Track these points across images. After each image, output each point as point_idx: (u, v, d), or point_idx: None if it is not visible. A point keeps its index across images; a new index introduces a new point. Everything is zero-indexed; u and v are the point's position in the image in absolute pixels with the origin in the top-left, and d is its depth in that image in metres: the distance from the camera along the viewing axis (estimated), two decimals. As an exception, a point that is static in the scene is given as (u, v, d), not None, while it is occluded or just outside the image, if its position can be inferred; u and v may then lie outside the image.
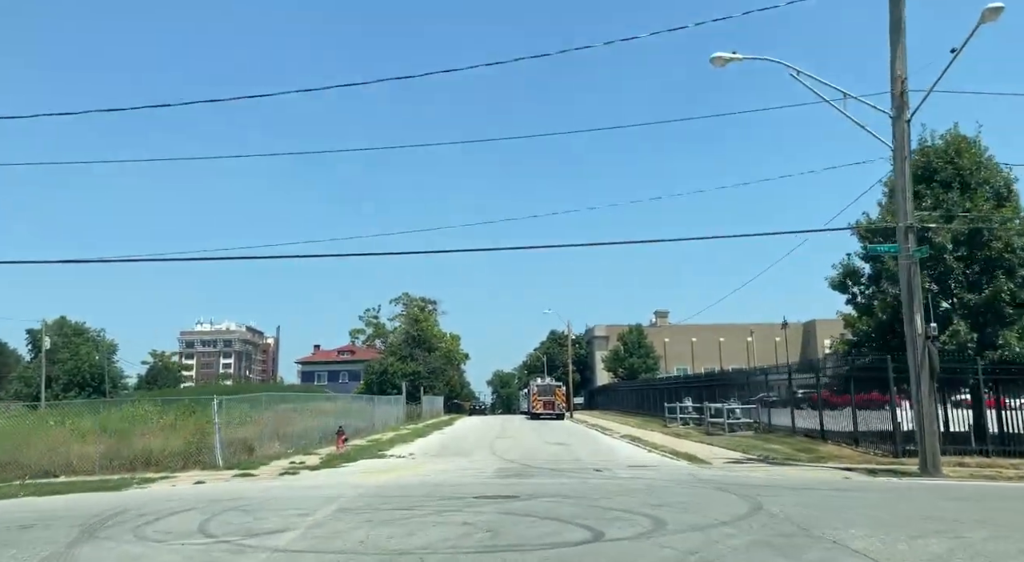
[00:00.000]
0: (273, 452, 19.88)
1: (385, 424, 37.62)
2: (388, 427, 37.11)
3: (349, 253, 75.12)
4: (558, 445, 23.82)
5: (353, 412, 36.43)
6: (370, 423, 34.62)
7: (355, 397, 51.48)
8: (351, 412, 37.46)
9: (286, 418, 26.16)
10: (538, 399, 51.66)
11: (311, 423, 27.85)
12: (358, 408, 38.85)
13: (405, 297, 72.57)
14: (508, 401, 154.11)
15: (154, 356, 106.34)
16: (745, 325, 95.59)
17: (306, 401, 34.79)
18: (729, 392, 33.34)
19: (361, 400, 43.61)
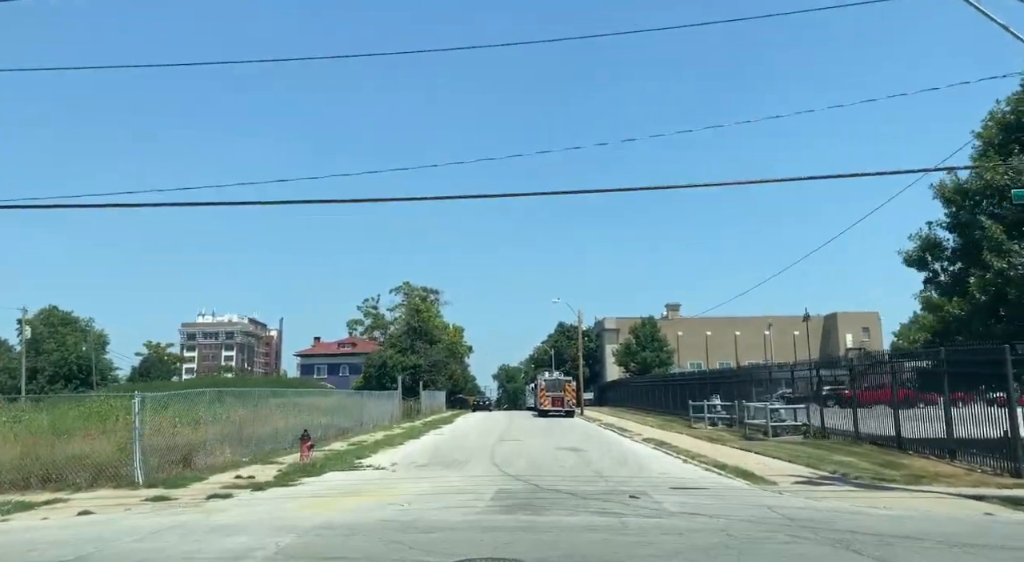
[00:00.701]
0: (222, 462, 16.10)
1: (376, 423, 33.88)
2: (379, 426, 33.37)
3: (330, 199, 71.34)
4: (572, 452, 19.99)
5: (348, 409, 32.91)
6: (358, 422, 30.86)
7: (350, 393, 48.05)
8: (345, 409, 33.92)
9: (261, 417, 22.45)
10: (546, 395, 47.85)
11: (290, 422, 24.20)
12: (352, 404, 35.30)
13: (406, 286, 68.86)
14: (514, 396, 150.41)
15: (149, 347, 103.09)
16: (762, 318, 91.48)
17: (298, 396, 31.26)
18: (746, 389, 29.71)
19: (356, 396, 40.00)
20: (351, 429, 29.22)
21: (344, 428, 28.81)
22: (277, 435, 21.59)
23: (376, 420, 34.69)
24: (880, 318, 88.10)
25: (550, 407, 47.62)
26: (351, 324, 67.38)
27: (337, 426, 28.09)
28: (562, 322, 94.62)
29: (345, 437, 26.36)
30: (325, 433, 25.22)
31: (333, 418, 29.00)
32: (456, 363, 72.95)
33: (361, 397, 38.40)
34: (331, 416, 29.14)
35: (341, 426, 28.69)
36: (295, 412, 26.22)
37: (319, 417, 27.56)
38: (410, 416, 45.08)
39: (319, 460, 16.97)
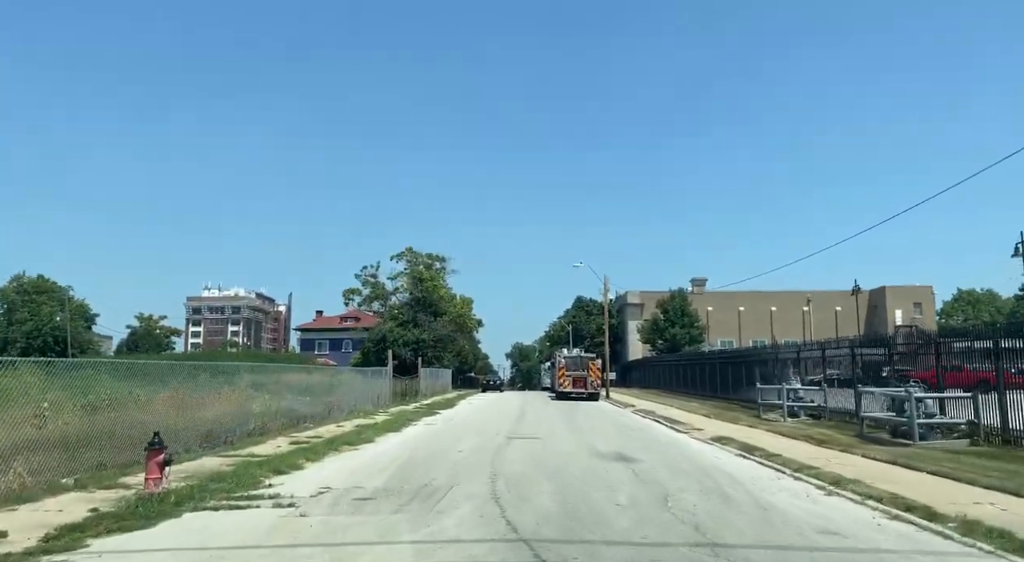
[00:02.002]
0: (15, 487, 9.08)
1: (355, 407, 26.95)
2: (358, 411, 26.48)
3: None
4: (621, 464, 12.83)
5: (318, 389, 26.24)
6: (327, 407, 23.90)
7: (337, 370, 41.22)
8: (336, 387, 27.36)
9: (193, 402, 15.90)
10: (566, 375, 40.73)
11: (244, 406, 17.69)
12: (331, 383, 28.64)
13: (408, 253, 61.71)
14: (528, 375, 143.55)
15: (140, 320, 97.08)
16: (800, 293, 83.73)
17: (277, 372, 24.60)
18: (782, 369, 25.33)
19: (344, 373, 33.19)
20: (315, 416, 22.28)
21: (308, 415, 21.89)
22: (194, 427, 14.70)
23: (356, 404, 27.79)
24: (934, 292, 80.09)
25: (571, 389, 40.55)
26: (347, 294, 60.48)
27: (295, 413, 21.15)
28: (580, 296, 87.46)
29: (297, 428, 19.41)
30: (266, 424, 18.27)
31: (294, 402, 22.16)
32: (464, 338, 65.98)
33: (343, 375, 31.57)
34: (295, 398, 22.38)
35: (304, 413, 21.77)
36: (261, 392, 20.06)
37: (275, 399, 20.80)
38: (405, 398, 38.19)
39: (197, 483, 9.88)
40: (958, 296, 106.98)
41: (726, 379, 38.32)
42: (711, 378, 40.72)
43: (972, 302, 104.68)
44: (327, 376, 31.59)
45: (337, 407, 25.04)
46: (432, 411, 28.87)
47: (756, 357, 34.67)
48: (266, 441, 16.07)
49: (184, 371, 16.61)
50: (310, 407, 23.22)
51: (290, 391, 23.96)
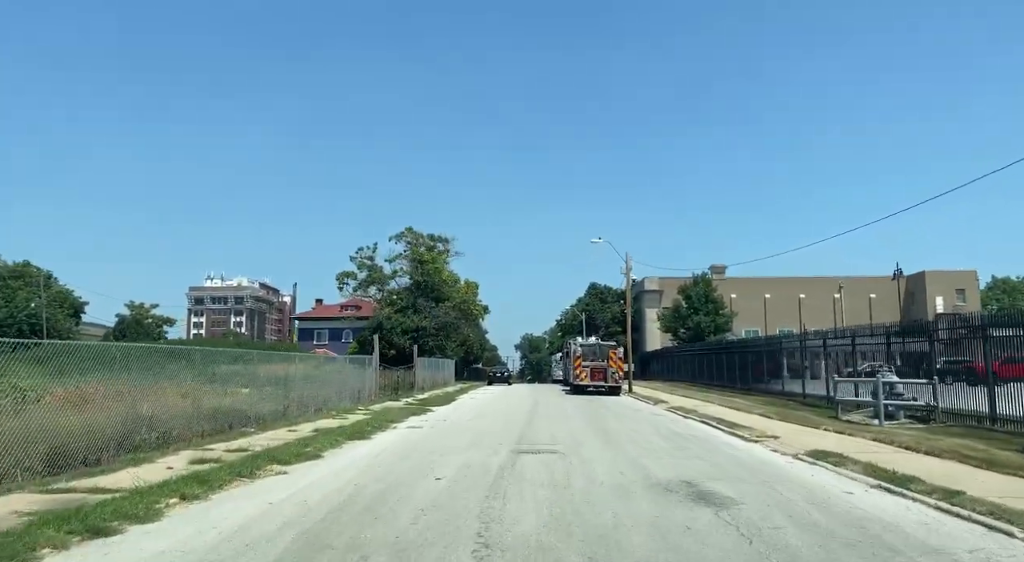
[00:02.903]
0: None
1: (325, 404, 21.82)
2: (333, 409, 21.40)
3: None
4: (704, 506, 7.67)
5: (315, 379, 21.55)
6: (282, 407, 18.70)
7: (324, 360, 35.91)
8: (312, 379, 22.45)
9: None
10: (583, 366, 35.45)
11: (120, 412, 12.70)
12: (326, 373, 23.92)
13: (408, 233, 56.49)
14: (538, 367, 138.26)
15: (131, 308, 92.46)
16: (831, 279, 78.05)
17: (249, 362, 19.75)
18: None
19: (335, 363, 28.16)
20: (267, 417, 17.14)
21: (254, 416, 16.75)
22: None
23: (330, 399, 22.67)
24: (978, 277, 74.18)
25: (588, 381, 35.30)
26: (341, 278, 55.30)
27: (238, 414, 16.00)
28: (594, 283, 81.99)
29: (228, 436, 14.27)
30: (180, 431, 13.12)
31: (239, 400, 17.05)
32: (470, 326, 60.78)
33: (330, 365, 26.54)
34: (260, 391, 17.40)
35: (251, 412, 16.63)
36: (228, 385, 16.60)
37: (215, 396, 15.82)
38: (398, 392, 33.07)
39: None
40: (992, 284, 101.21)
41: (761, 370, 33.29)
42: (744, 369, 35.64)
43: (1008, 290, 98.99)
44: (310, 366, 26.55)
45: (300, 404, 19.86)
46: (424, 408, 23.68)
47: (794, 345, 29.53)
48: (156, 460, 10.89)
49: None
50: (268, 404, 18.09)
51: (268, 384, 19.19)
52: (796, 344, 29.72)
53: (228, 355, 20.42)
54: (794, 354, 29.52)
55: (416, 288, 55.48)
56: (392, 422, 18.52)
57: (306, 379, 22.31)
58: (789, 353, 30.21)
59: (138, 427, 11.93)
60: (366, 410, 22.77)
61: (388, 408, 23.54)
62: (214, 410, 15.17)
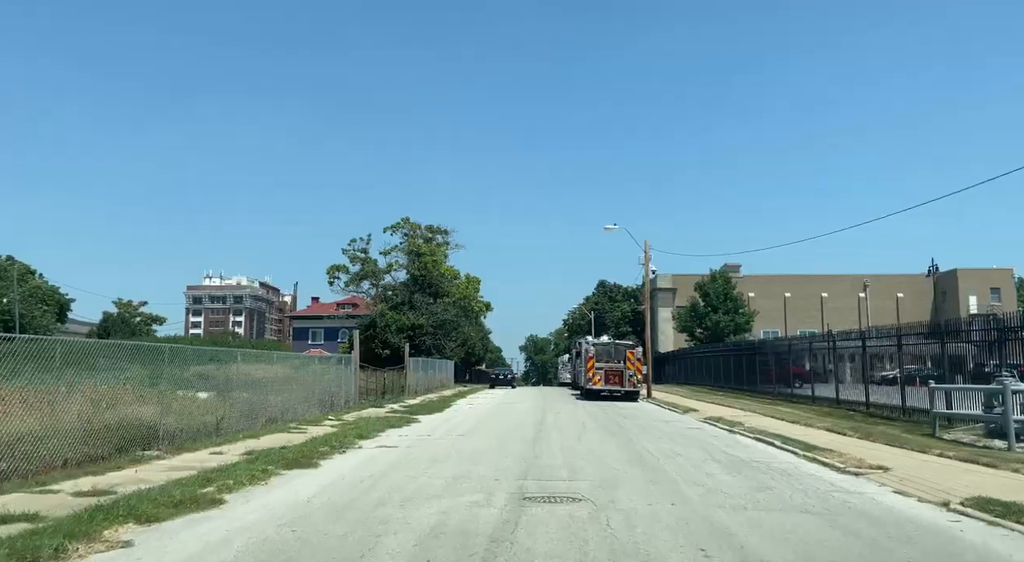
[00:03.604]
0: None
1: (285, 414, 17.68)
2: (296, 420, 17.34)
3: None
4: None
5: (288, 382, 17.53)
6: (214, 418, 14.53)
7: (307, 359, 31.85)
8: (284, 382, 18.49)
9: None
10: (597, 368, 31.21)
11: None
12: (305, 375, 20.02)
13: (405, 223, 52.38)
14: (543, 370, 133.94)
15: (119, 306, 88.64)
16: (856, 276, 73.66)
17: (224, 362, 15.90)
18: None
19: (320, 363, 24.11)
20: (198, 432, 13.02)
21: (178, 429, 12.64)
22: None
23: (293, 407, 18.56)
24: (1014, 275, 69.64)
25: (602, 385, 31.08)
26: (332, 272, 51.17)
27: (144, 427, 11.88)
28: (603, 280, 77.76)
29: (109, 465, 10.14)
30: (77, 451, 9.06)
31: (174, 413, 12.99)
32: (471, 325, 56.60)
33: (313, 366, 22.49)
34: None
35: (166, 428, 12.50)
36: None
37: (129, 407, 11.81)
38: (385, 396, 28.97)
39: None
40: (1018, 284, 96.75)
41: (787, 374, 30.05)
42: (768, 372, 32.06)
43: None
44: (288, 367, 22.53)
45: (247, 415, 15.72)
46: (409, 418, 19.51)
47: (823, 346, 26.25)
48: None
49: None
50: (196, 417, 13.96)
51: (238, 387, 15.34)
52: (825, 345, 26.43)
53: (205, 354, 16.57)
54: (821, 356, 26.91)
55: (413, 283, 51.35)
56: (361, 438, 14.38)
57: (283, 382, 18.24)
58: (821, 355, 27.06)
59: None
60: (337, 420, 18.66)
61: (364, 418, 19.39)
62: (107, 426, 11.04)
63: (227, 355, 18.07)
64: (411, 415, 20.97)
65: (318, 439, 13.85)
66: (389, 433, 15.76)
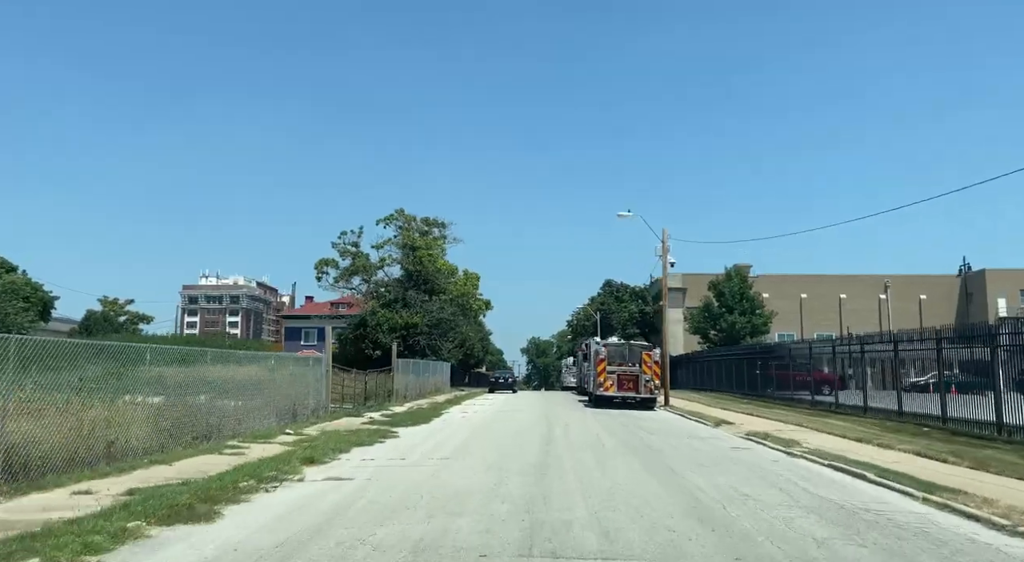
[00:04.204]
0: None
1: (221, 430, 14.03)
2: (239, 437, 13.75)
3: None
4: None
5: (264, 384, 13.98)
6: (105, 438, 10.89)
7: (283, 360, 28.23)
8: (253, 387, 14.84)
9: None
10: (609, 372, 27.55)
11: None
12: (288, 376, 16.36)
13: (400, 216, 48.81)
14: (545, 373, 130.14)
15: (104, 303, 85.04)
16: (877, 276, 69.97)
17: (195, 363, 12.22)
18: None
19: (298, 364, 20.54)
20: (90, 456, 9.40)
21: (53, 450, 9.04)
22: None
23: (247, 417, 14.99)
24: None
25: (615, 391, 27.45)
26: (320, 266, 47.57)
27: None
28: (610, 280, 74.08)
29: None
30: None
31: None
32: (469, 324, 52.99)
33: (290, 367, 18.89)
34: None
35: (30, 455, 8.91)
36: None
37: None
38: (367, 402, 25.37)
39: None
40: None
41: (809, 380, 27.54)
42: (788, 379, 29.73)
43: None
44: (265, 370, 19.05)
45: (170, 432, 12.11)
46: (384, 433, 15.87)
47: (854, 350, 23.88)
48: None
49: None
50: (111, 430, 10.41)
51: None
52: (854, 348, 24.60)
53: (172, 354, 14.11)
54: (842, 360, 25.92)
55: (407, 279, 47.74)
56: (310, 463, 10.81)
57: (227, 387, 14.64)
58: (842, 359, 25.94)
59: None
60: (296, 434, 15.06)
61: (330, 432, 15.78)
62: None
63: (199, 355, 15.20)
64: (390, 427, 17.36)
65: (249, 466, 10.25)
66: (351, 455, 12.15)
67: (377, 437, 14.93)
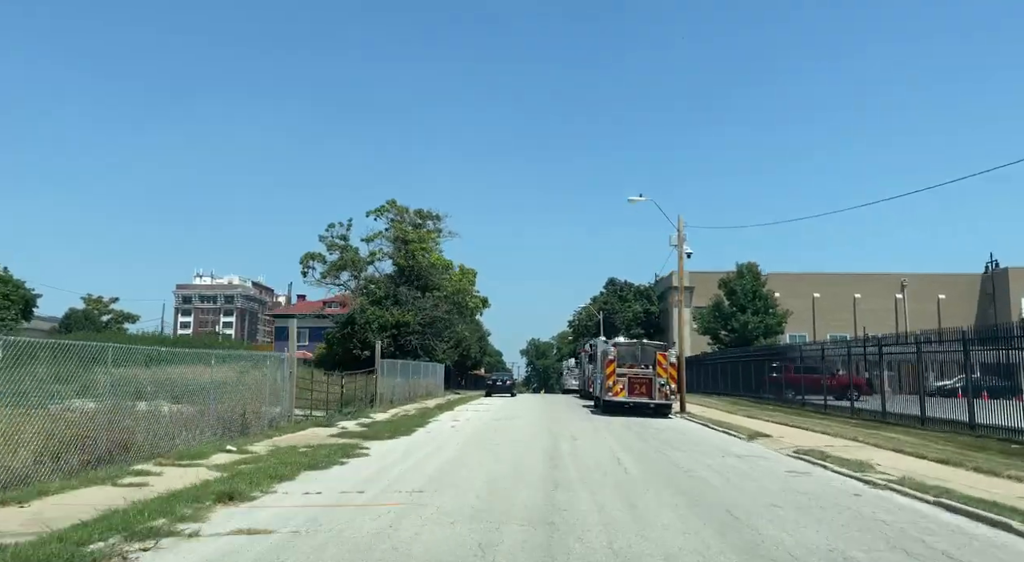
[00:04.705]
0: None
1: (127, 449, 10.92)
2: (159, 457, 10.63)
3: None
4: None
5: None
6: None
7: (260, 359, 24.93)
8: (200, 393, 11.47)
9: None
10: (619, 375, 24.48)
11: None
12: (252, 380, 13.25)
13: (392, 207, 45.77)
14: (545, 375, 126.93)
15: (87, 301, 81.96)
16: (893, 275, 66.90)
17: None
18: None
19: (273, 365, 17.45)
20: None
21: None
22: None
23: (176, 431, 11.92)
24: (1077, 275, 62.62)
25: (626, 396, 24.39)
26: (306, 260, 44.49)
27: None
28: (613, 278, 71.07)
29: None
30: None
31: None
32: (465, 323, 49.91)
33: (256, 369, 15.85)
34: None
35: None
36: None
37: None
38: (347, 408, 22.30)
39: None
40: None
41: (836, 384, 25.64)
42: (813, 383, 27.24)
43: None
44: (234, 371, 16.16)
45: (60, 452, 9.04)
46: (348, 451, 12.75)
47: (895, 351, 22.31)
48: None
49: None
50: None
51: None
52: (872, 351, 23.35)
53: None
54: (856, 362, 25.04)
55: (399, 274, 44.67)
56: (230, 500, 7.80)
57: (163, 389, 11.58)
58: (856, 361, 24.89)
59: None
60: (239, 452, 12.00)
61: (284, 448, 12.71)
62: None
63: (168, 355, 13.53)
64: (362, 440, 14.31)
65: (132, 509, 7.15)
66: (292, 486, 9.08)
67: (339, 456, 11.86)
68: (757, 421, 21.72)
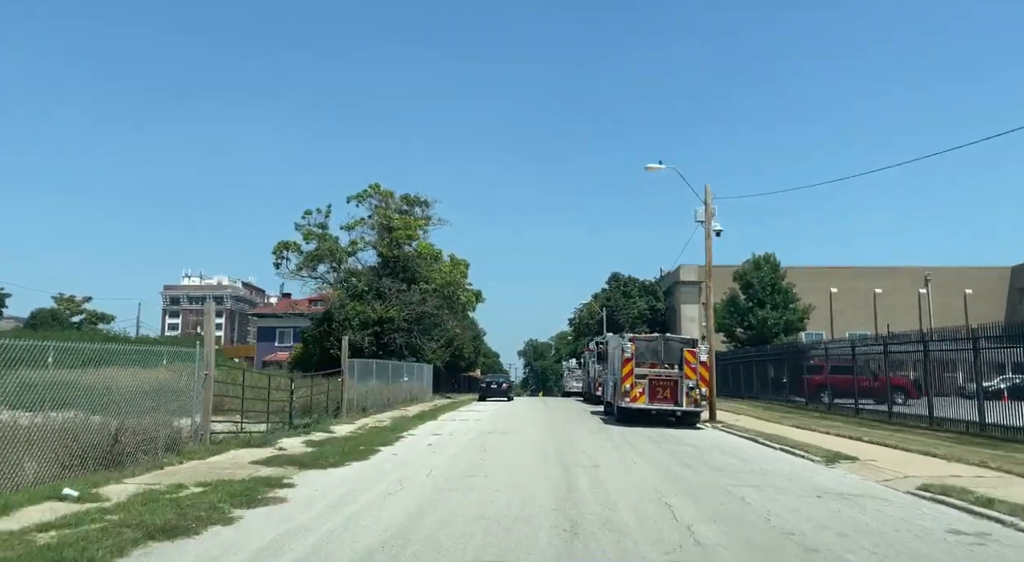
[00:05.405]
0: None
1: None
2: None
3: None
4: None
5: None
6: None
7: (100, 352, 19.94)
8: None
9: None
10: (639, 376, 20.01)
11: None
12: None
13: (375, 191, 41.34)
14: (543, 376, 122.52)
15: (58, 301, 77.41)
16: (915, 268, 62.63)
17: None
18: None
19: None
20: None
21: None
22: None
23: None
24: (1113, 268, 58.47)
25: (647, 403, 19.98)
26: (278, 250, 40.01)
27: None
28: (617, 273, 66.65)
29: None
30: None
31: None
32: (457, 319, 45.47)
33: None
34: None
35: None
36: None
37: None
38: (308, 417, 17.84)
39: None
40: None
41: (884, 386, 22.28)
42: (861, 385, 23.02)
43: None
44: (176, 375, 11.91)
45: None
46: (251, 499, 8.28)
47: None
48: None
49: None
50: None
51: None
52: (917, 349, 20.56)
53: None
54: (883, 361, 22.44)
55: (383, 266, 40.25)
56: None
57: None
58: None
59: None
60: (79, 500, 7.57)
61: (160, 492, 8.26)
62: None
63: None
64: (293, 472, 9.93)
65: None
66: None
67: (238, 504, 7.47)
68: (813, 433, 17.39)
